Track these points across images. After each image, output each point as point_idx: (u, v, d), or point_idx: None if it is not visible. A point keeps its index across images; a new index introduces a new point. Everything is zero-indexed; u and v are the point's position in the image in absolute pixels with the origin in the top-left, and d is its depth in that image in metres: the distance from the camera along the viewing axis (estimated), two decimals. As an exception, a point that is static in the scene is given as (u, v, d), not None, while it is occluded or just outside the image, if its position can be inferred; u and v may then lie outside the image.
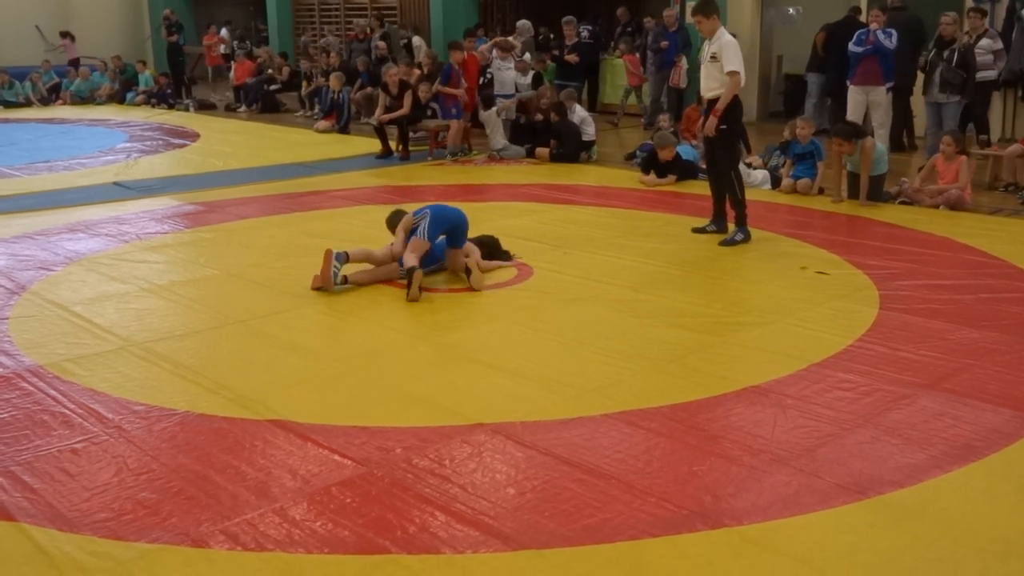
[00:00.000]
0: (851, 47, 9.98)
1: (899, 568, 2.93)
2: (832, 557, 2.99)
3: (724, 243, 7.08)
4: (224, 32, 20.67)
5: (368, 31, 16.72)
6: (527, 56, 13.73)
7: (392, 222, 6.28)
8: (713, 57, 7.02)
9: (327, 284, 5.90)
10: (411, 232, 6.00)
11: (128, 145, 13.44)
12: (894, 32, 9.85)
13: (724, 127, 7.03)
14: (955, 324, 5.17)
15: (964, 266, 6.39)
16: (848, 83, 10.18)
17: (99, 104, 19.42)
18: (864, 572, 2.91)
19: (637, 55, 14.47)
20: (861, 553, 3.01)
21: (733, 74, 6.92)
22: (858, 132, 8.56)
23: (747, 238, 7.09)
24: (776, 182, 9.22)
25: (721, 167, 7.26)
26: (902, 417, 4.01)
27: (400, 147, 11.79)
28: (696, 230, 7.44)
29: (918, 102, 10.88)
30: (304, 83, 17.03)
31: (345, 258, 5.99)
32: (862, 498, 3.34)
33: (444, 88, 11.94)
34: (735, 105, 7.06)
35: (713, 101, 7.09)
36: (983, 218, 7.95)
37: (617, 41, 15.08)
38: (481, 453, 3.75)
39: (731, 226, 7.24)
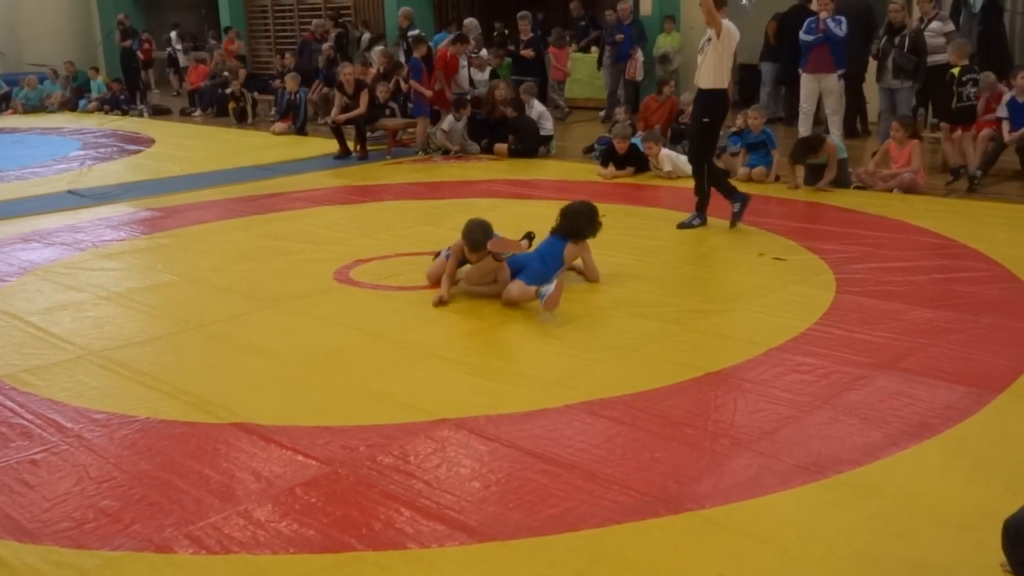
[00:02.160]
0: (802, 35, 10.07)
1: (858, 544, 2.98)
2: (792, 536, 3.04)
3: (681, 226, 7.29)
4: (173, 35, 20.44)
5: (325, 31, 16.60)
6: (483, 53, 13.71)
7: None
8: (709, 39, 6.95)
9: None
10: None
11: (82, 153, 13.26)
12: (844, 19, 9.95)
13: (706, 120, 7.06)
14: (909, 305, 5.26)
15: (918, 248, 6.49)
16: (800, 71, 10.28)
17: (51, 112, 19.13)
18: (824, 549, 2.96)
19: (569, 48, 14.59)
20: (821, 531, 3.06)
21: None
22: (813, 146, 8.62)
23: (703, 223, 7.30)
24: None
25: (692, 156, 7.33)
26: (859, 397, 4.08)
27: (358, 147, 11.74)
28: (682, 225, 7.35)
29: (870, 88, 11.02)
30: (231, 103, 16.06)
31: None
32: (821, 478, 3.40)
33: (418, 86, 11.84)
34: (719, 100, 7.08)
35: (704, 91, 7.08)
36: (936, 200, 8.08)
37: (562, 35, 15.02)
38: (445, 448, 3.76)
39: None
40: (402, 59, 13.43)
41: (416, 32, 13.47)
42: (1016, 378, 4.22)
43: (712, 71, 7.01)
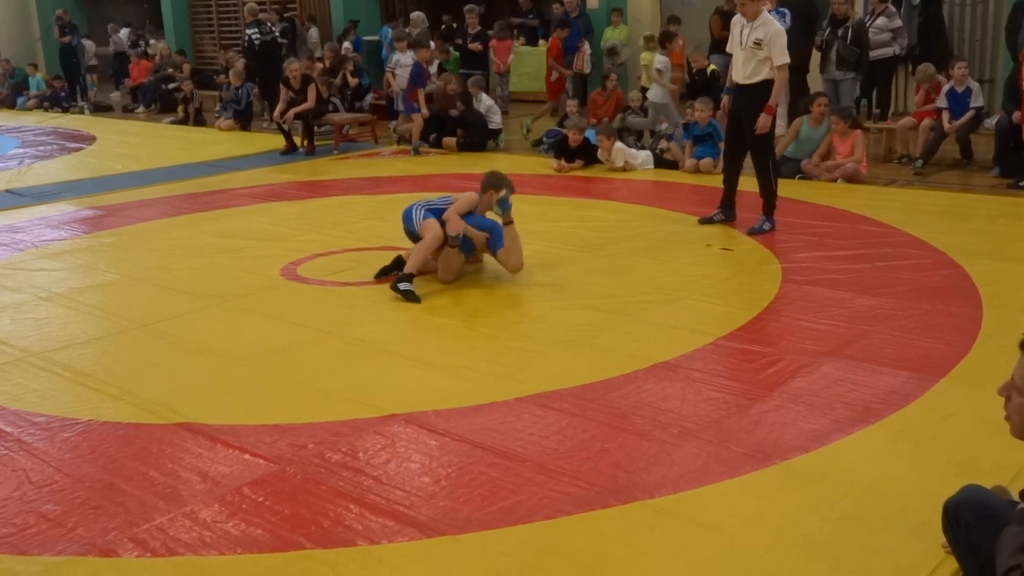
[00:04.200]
0: (747, 28, 10.15)
1: (805, 529, 3.02)
2: (740, 523, 3.06)
3: (751, 232, 6.83)
4: (123, 33, 20.09)
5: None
6: (431, 46, 13.63)
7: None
8: (757, 43, 6.70)
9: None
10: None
11: (21, 151, 12.98)
12: (787, 12, 10.07)
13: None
14: (853, 293, 5.34)
15: (861, 236, 6.58)
16: (746, 63, 10.36)
17: (-13, 111, 18.72)
18: (771, 535, 2.99)
19: (514, 41, 14.60)
20: (768, 517, 3.09)
21: (783, 67, 6.70)
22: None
23: (773, 228, 6.89)
24: (659, 162, 9.56)
25: (758, 159, 6.96)
26: (805, 384, 4.12)
27: (305, 142, 11.63)
28: (704, 220, 7.18)
29: (814, 79, 11.15)
30: (181, 105, 15.40)
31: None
32: (768, 464, 3.43)
33: (416, 91, 11.51)
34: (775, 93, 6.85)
35: (743, 86, 6.83)
36: (878, 189, 8.21)
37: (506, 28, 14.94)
38: (395, 444, 3.74)
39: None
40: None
41: (418, 31, 13.22)
42: (957, 362, 4.30)
43: (767, 64, 6.76)
